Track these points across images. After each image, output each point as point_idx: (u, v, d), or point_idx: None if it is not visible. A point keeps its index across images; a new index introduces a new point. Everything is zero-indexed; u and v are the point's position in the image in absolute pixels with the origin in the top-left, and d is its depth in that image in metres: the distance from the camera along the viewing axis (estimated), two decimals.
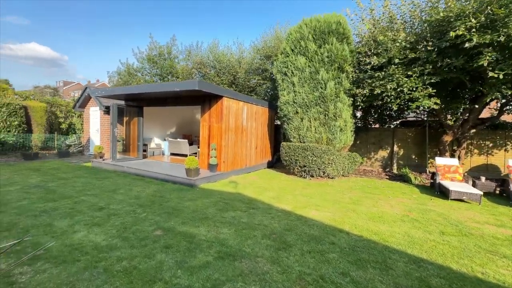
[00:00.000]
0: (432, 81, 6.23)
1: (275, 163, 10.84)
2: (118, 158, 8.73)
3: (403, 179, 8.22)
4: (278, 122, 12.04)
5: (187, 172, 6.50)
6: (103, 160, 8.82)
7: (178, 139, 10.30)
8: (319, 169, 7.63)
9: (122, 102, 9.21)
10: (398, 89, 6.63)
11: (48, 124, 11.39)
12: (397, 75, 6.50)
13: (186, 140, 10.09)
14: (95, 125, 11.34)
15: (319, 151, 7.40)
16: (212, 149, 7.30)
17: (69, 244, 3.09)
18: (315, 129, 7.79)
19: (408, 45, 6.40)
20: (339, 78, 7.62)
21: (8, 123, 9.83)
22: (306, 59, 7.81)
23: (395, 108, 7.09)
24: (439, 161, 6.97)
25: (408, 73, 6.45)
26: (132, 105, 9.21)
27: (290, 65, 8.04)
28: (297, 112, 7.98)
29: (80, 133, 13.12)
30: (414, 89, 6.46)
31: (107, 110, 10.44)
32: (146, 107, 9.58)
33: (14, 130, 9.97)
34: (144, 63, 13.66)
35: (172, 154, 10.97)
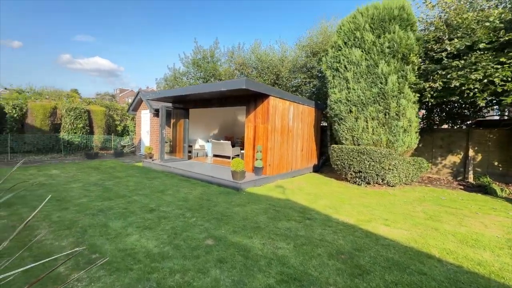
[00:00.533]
0: None
1: (321, 167, 10.06)
2: (166, 159, 8.98)
3: (485, 190, 6.76)
4: (324, 123, 11.23)
5: (233, 175, 6.24)
6: (152, 160, 9.17)
7: (221, 141, 10.25)
8: (377, 175, 6.69)
9: (170, 105, 9.49)
10: (485, 80, 5.40)
11: (106, 126, 12.48)
12: (484, 63, 5.30)
13: (229, 141, 9.97)
14: (146, 127, 12.00)
15: (378, 155, 6.48)
16: (258, 151, 6.94)
17: (122, 248, 2.96)
18: (373, 130, 6.87)
19: (501, 25, 5.16)
20: (403, 71, 6.60)
21: (74, 125, 10.98)
22: (362, 51, 6.97)
23: (482, 104, 5.81)
24: None
25: (501, 59, 5.20)
26: (179, 107, 9.42)
27: (343, 59, 7.27)
28: (350, 111, 7.17)
29: (133, 134, 14.10)
30: (510, 79, 5.18)
31: (156, 113, 10.93)
32: (192, 109, 9.74)
33: (79, 131, 11.09)
34: (189, 67, 14.14)
35: (215, 155, 10.98)
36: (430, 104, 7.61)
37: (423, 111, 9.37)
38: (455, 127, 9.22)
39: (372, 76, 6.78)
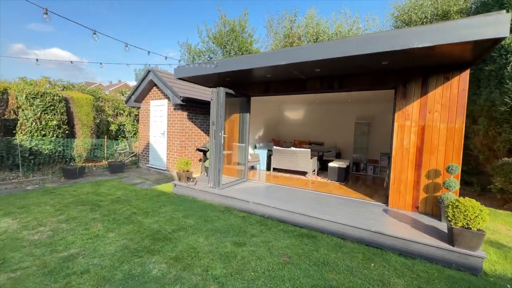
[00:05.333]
0: None
1: None
2: (224, 183, 5.16)
3: None
4: None
5: (457, 236, 2.76)
6: (195, 184, 5.30)
7: (293, 148, 6.65)
8: None
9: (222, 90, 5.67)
10: None
11: (95, 125, 8.12)
12: None
13: (309, 149, 6.42)
14: (160, 126, 7.93)
15: None
16: (451, 173, 3.56)
17: None
18: None
19: None
20: None
21: (43, 122, 6.57)
22: None
23: None
24: None
25: None
26: (236, 93, 5.59)
27: None
28: None
29: (131, 136, 9.81)
30: None
31: (184, 104, 6.97)
32: (254, 96, 6.01)
33: (51, 133, 6.70)
34: (214, 43, 10.14)
35: (275, 169, 7.33)
36: None
37: None
38: None
39: None
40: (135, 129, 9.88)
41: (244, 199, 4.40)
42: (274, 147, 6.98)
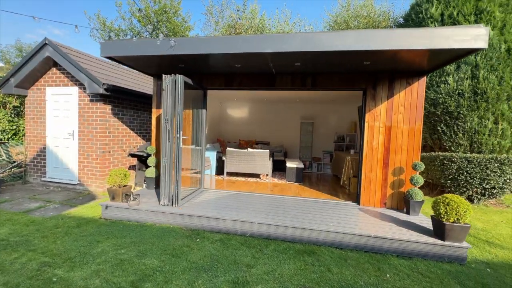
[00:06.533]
0: None
1: None
2: (183, 198, 4.03)
3: None
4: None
5: (447, 230, 2.93)
6: (138, 203, 3.93)
7: (250, 149, 6.08)
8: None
9: (180, 78, 4.43)
10: None
11: None
12: None
13: (267, 150, 6.01)
14: (65, 124, 5.69)
15: None
16: (416, 170, 3.89)
17: None
18: (503, 132, 5.39)
19: None
20: None
21: None
22: None
23: None
24: None
25: None
26: (194, 85, 4.49)
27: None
28: (476, 108, 5.39)
29: (8, 138, 6.76)
30: None
31: (107, 95, 5.16)
32: (211, 90, 5.06)
33: None
34: (140, 22, 8.21)
35: (228, 173, 6.56)
36: None
37: None
38: None
39: None
40: (15, 127, 6.85)
41: (218, 216, 3.52)
42: (228, 148, 6.21)
